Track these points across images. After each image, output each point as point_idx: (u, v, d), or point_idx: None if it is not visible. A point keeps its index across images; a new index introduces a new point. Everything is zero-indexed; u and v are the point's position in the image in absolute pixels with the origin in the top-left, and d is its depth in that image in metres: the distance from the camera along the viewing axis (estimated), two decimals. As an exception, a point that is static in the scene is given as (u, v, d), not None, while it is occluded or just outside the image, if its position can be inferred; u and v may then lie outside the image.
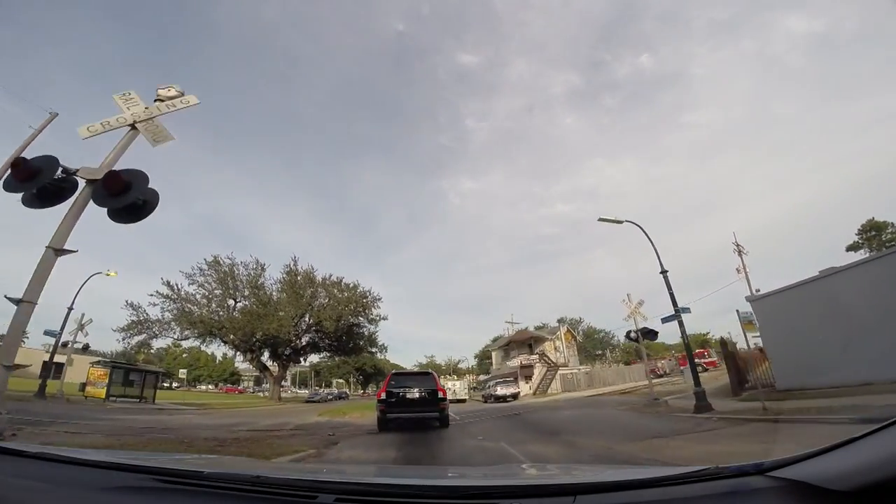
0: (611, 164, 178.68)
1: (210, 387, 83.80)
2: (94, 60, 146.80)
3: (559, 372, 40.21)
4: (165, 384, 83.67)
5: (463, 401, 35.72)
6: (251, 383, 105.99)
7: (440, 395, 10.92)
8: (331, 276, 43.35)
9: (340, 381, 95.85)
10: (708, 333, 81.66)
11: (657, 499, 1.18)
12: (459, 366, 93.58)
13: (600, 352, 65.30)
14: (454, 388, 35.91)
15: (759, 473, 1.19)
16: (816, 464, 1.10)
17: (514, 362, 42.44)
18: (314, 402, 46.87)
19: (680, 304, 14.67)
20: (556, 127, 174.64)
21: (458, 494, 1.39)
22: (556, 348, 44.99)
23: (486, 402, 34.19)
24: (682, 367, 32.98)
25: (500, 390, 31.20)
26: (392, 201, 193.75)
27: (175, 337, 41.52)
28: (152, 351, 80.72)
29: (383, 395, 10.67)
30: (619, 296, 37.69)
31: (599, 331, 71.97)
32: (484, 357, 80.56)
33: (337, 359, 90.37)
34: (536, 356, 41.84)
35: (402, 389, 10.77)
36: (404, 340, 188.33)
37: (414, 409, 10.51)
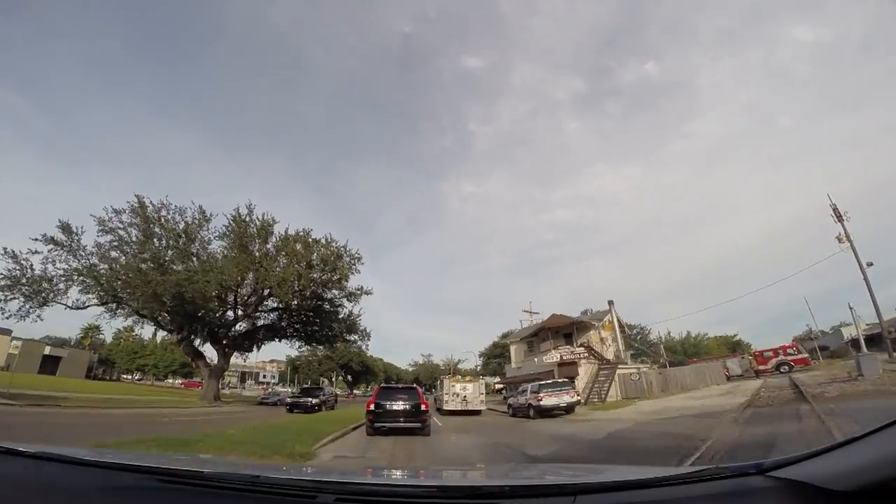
0: (613, 171, 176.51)
1: (178, 381, 71.30)
2: (100, 58, 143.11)
3: (617, 372, 27.67)
4: (127, 376, 71.76)
5: (477, 412, 23.32)
6: (234, 378, 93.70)
7: (423, 407, 12.32)
8: (298, 232, 30.71)
9: (324, 379, 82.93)
10: (736, 335, 70.41)
11: (657, 499, 1.16)
12: (460, 366, 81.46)
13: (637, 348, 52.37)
14: (464, 394, 23.47)
15: (759, 473, 1.17)
16: (816, 464, 1.08)
17: (550, 357, 29.80)
18: (268, 404, 34.26)
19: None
20: (559, 132, 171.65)
21: (458, 494, 1.38)
22: (601, 340, 32.45)
23: (514, 414, 21.83)
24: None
25: (548, 398, 18.65)
26: (392, 203, 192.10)
27: (69, 305, 28.83)
28: (100, 336, 68.26)
29: (372, 407, 12.26)
30: (618, 303, 32.87)
31: (633, 325, 59.23)
32: (492, 356, 68.07)
33: (320, 353, 77.94)
34: (583, 349, 29.19)
35: (388, 402, 12.33)
36: (402, 342, 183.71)
37: (398, 420, 11.91)
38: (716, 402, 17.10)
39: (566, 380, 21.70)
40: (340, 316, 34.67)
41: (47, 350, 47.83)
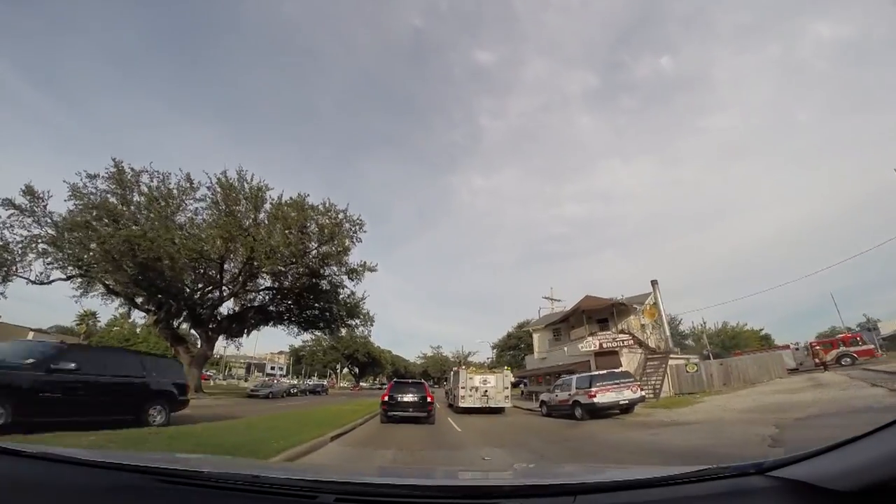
0: (626, 166, 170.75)
1: None
2: (118, 53, 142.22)
3: (669, 362, 22.93)
4: None
5: (500, 411, 18.99)
6: (242, 370, 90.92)
7: (429, 400, 13.91)
8: (293, 197, 26.31)
9: (329, 371, 79.55)
10: (762, 329, 64.61)
11: (657, 499, 1.16)
12: (470, 359, 76.97)
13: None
14: (485, 388, 18.98)
15: (759, 473, 1.17)
16: (816, 464, 1.08)
17: (586, 345, 25.06)
18: (258, 397, 30.33)
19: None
20: (571, 127, 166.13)
21: (458, 494, 1.40)
22: (641, 327, 27.62)
23: (548, 414, 17.52)
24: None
25: (604, 394, 14.10)
26: (402, 196, 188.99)
27: (31, 279, 25.07)
28: (98, 323, 65.42)
29: (386, 399, 13.94)
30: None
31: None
32: (506, 347, 63.49)
33: (324, 343, 74.24)
34: (628, 336, 24.44)
35: (400, 395, 13.93)
36: (410, 335, 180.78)
37: (409, 410, 13.63)
38: (830, 396, 12.42)
39: (624, 370, 16.96)
40: (341, 297, 30.36)
41: (30, 336, 44.59)
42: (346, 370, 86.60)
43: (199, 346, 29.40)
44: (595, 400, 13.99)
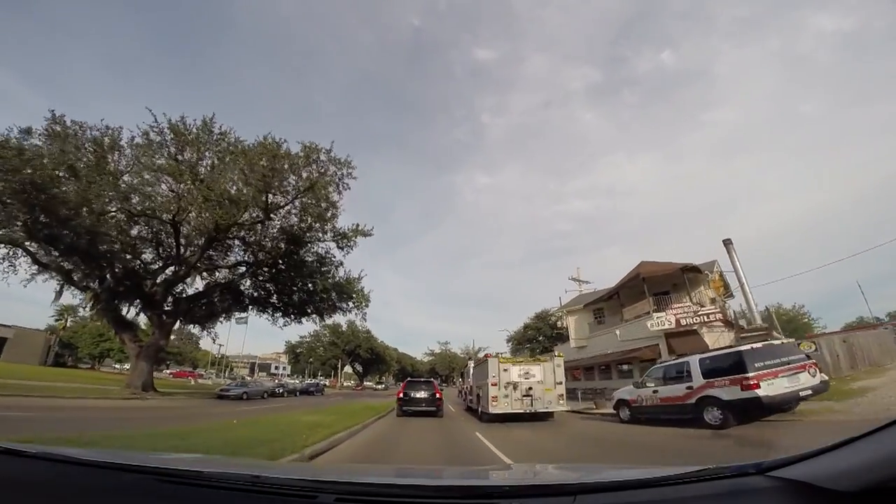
0: (630, 161, 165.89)
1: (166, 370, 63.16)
2: (114, 53, 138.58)
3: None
4: (116, 364, 63.88)
5: (548, 416, 13.09)
6: (245, 371, 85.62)
7: (437, 396, 15.09)
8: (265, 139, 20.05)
9: (334, 368, 73.45)
10: (817, 320, 57.39)
11: (657, 499, 1.15)
12: (480, 355, 70.76)
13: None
14: (527, 384, 12.73)
15: (759, 473, 1.17)
16: (816, 464, 1.08)
17: (655, 324, 18.64)
18: (228, 397, 24.28)
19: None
20: (573, 123, 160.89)
21: (458, 494, 1.38)
22: (711, 301, 21.14)
23: (633, 419, 11.50)
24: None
25: (770, 381, 7.63)
26: (406, 195, 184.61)
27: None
28: (78, 317, 59.90)
29: (401, 395, 15.31)
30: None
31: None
32: (523, 340, 57.06)
33: (324, 338, 68.12)
34: (716, 310, 18.08)
35: (413, 392, 15.26)
36: (416, 333, 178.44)
37: (421, 405, 14.79)
38: None
39: (788, 341, 10.48)
40: (329, 273, 24.13)
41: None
42: (348, 369, 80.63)
43: (153, 333, 23.34)
44: (760, 393, 7.64)
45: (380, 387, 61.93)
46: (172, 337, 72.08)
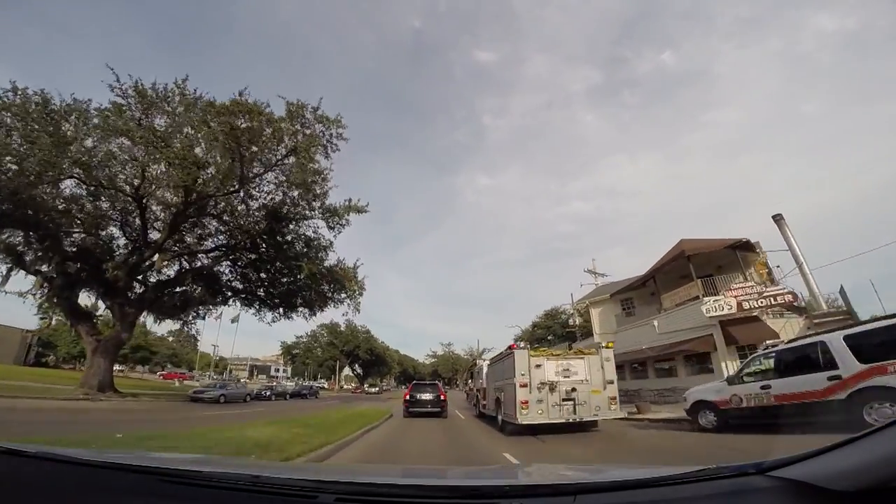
0: (631, 162, 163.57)
1: (156, 371, 60.26)
2: (114, 53, 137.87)
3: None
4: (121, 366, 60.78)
5: (589, 426, 9.79)
6: (245, 373, 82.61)
7: (442, 398, 15.36)
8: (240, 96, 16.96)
9: (332, 370, 70.12)
10: None
11: (657, 499, 1.14)
12: (485, 356, 67.05)
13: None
14: (568, 383, 9.45)
15: (759, 473, 1.16)
16: (816, 464, 1.07)
17: (711, 308, 15.32)
18: (202, 400, 21.21)
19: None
20: (574, 124, 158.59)
21: (458, 494, 1.36)
22: (762, 278, 17.79)
23: (717, 426, 8.35)
24: None
25: None
26: (406, 196, 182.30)
27: None
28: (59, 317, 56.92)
29: (407, 397, 15.74)
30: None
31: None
32: (533, 339, 53.63)
33: (321, 338, 64.82)
34: (785, 291, 14.80)
35: (418, 394, 15.63)
36: (418, 335, 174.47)
37: (426, 407, 15.08)
38: None
39: None
40: (313, 254, 20.95)
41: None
42: (348, 371, 77.35)
43: (114, 325, 20.24)
44: None
45: (373, 390, 53.18)
46: (171, 339, 70.63)
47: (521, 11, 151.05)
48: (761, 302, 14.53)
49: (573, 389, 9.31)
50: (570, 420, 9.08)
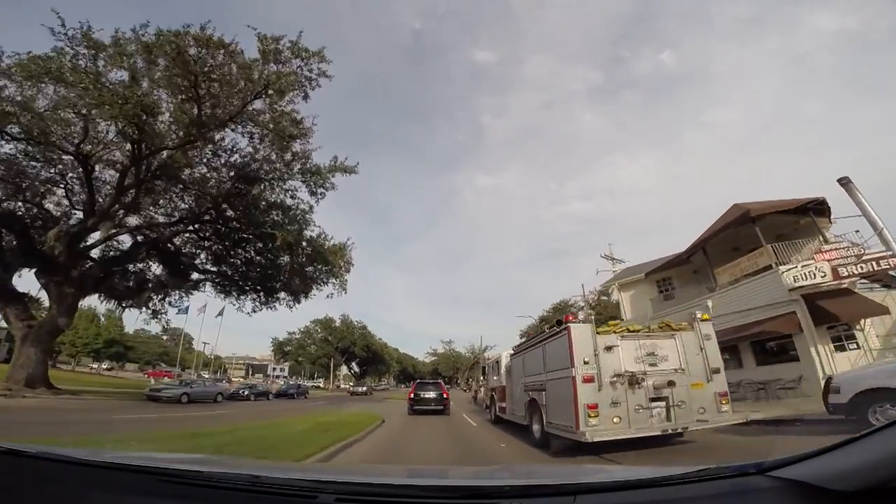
0: (631, 162, 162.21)
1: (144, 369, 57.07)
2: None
3: None
4: (94, 365, 57.35)
5: (676, 436, 6.33)
6: (241, 372, 79.20)
7: (444, 396, 15.92)
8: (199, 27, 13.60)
9: (326, 368, 66.63)
10: None
11: (657, 499, 1.15)
12: (488, 353, 63.31)
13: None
14: (664, 375, 6.12)
15: (760, 473, 1.15)
16: (817, 464, 1.07)
17: (796, 277, 12.01)
18: (159, 399, 17.89)
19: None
20: (574, 124, 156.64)
21: (458, 494, 1.35)
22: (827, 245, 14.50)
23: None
24: None
25: None
26: (405, 196, 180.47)
27: None
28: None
29: (412, 396, 16.14)
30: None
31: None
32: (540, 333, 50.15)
33: (315, 334, 61.36)
34: (888, 253, 11.41)
35: (422, 392, 16.06)
36: (417, 334, 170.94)
37: (429, 404, 15.49)
38: None
39: None
40: (290, 214, 17.57)
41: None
42: (346, 370, 73.97)
43: (51, 309, 16.86)
44: None
45: (360, 389, 43.48)
46: (164, 337, 66.78)
47: (520, 12, 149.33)
48: (860, 267, 11.28)
49: (668, 384, 6.00)
50: (665, 431, 5.82)
